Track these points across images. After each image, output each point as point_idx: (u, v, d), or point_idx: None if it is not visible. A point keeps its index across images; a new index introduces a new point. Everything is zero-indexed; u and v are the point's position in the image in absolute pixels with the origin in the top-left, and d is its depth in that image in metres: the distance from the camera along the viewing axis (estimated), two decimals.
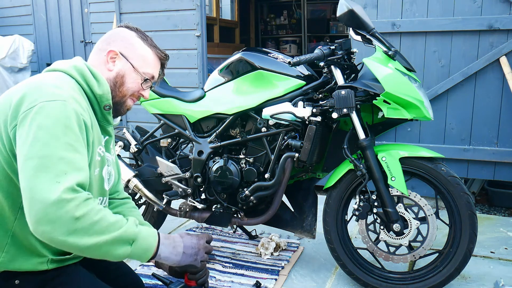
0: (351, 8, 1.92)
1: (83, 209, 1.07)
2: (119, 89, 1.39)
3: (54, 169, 1.08)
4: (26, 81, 1.25)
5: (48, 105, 1.14)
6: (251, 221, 2.23)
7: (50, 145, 1.10)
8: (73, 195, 1.07)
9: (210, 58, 4.55)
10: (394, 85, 1.85)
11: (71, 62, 1.33)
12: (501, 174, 3.01)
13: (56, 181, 1.06)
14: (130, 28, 1.42)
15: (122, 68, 1.38)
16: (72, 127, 1.15)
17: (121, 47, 1.38)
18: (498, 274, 2.25)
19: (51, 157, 1.09)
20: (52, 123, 1.12)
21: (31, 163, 1.08)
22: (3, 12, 6.36)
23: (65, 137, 1.13)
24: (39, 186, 1.06)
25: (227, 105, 2.19)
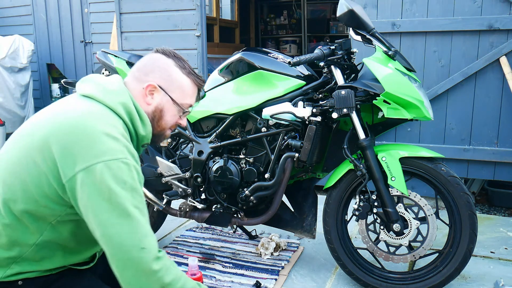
0: (351, 8, 1.92)
1: (170, 277, 1.16)
2: (157, 123, 1.37)
3: (136, 235, 1.12)
4: (75, 112, 1.19)
5: (112, 165, 1.13)
6: (251, 221, 2.23)
7: (126, 211, 1.13)
8: (160, 264, 1.14)
9: (210, 58, 4.55)
10: (394, 85, 1.85)
11: (119, 98, 1.27)
12: (501, 174, 3.01)
13: (141, 248, 1.12)
14: (167, 55, 1.36)
15: (161, 101, 1.34)
16: (137, 188, 1.17)
17: (160, 79, 1.33)
18: (498, 274, 2.25)
19: (131, 224, 1.13)
20: (121, 188, 1.13)
21: (112, 230, 1.11)
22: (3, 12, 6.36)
23: (134, 201, 1.15)
24: (128, 255, 1.11)
25: (227, 105, 2.19)
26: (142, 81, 1.32)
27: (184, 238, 2.71)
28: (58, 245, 1.24)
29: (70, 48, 5.95)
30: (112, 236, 1.11)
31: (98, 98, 1.25)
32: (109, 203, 1.11)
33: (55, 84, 6.27)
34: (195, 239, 2.70)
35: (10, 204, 1.19)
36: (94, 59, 5.72)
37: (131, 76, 1.35)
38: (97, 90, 1.27)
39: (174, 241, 2.68)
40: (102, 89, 1.27)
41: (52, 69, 6.23)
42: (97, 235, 1.13)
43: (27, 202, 1.18)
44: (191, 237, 2.73)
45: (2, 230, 1.20)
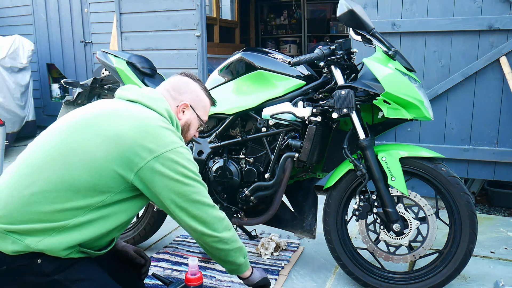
0: (351, 8, 1.92)
1: (232, 231, 1.56)
2: (184, 136, 1.65)
3: (207, 203, 1.47)
4: (138, 114, 1.45)
5: (179, 150, 1.41)
6: (251, 221, 2.23)
7: (197, 185, 1.45)
8: (225, 222, 1.52)
9: (210, 58, 4.55)
10: (394, 85, 1.85)
11: (163, 104, 1.53)
12: (501, 174, 3.01)
13: (213, 207, 1.49)
14: (194, 79, 1.67)
15: (189, 118, 1.64)
16: (196, 164, 1.49)
17: (191, 99, 1.63)
18: (498, 274, 2.25)
19: (203, 192, 1.47)
20: (190, 165, 1.44)
21: (193, 207, 1.44)
22: (3, 12, 6.36)
23: (198, 175, 1.47)
24: (207, 220, 1.46)
25: (227, 105, 2.19)
26: (176, 99, 1.61)
27: (184, 238, 2.71)
28: (93, 227, 1.38)
29: (70, 48, 5.95)
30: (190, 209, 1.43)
31: (146, 103, 1.50)
32: (183, 179, 1.40)
33: (55, 84, 6.27)
34: None
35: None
36: (94, 59, 5.73)
37: (165, 91, 1.61)
38: (142, 97, 1.52)
39: (174, 241, 2.68)
40: (147, 97, 1.52)
41: (52, 69, 6.24)
42: (172, 208, 1.42)
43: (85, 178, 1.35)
44: (191, 237, 2.73)
45: (48, 199, 1.32)
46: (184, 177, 1.40)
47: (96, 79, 2.64)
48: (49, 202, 1.31)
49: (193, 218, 1.44)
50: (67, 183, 1.32)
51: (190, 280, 1.63)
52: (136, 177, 1.36)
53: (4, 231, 1.31)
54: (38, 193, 1.31)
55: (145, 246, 2.64)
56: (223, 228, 1.50)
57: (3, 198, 1.34)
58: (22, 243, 1.30)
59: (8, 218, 1.31)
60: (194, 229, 1.45)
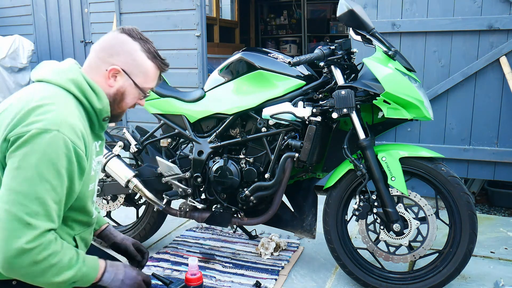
0: (351, 8, 1.92)
1: (42, 254, 1.14)
2: (118, 105, 1.39)
3: (27, 207, 1.12)
4: (21, 96, 1.24)
5: (39, 135, 1.14)
6: (251, 221, 2.23)
7: (31, 181, 1.13)
8: (34, 244, 1.12)
9: (210, 58, 4.55)
10: (394, 85, 1.85)
11: (67, 75, 1.29)
12: (501, 174, 3.01)
13: (26, 223, 1.11)
14: (134, 37, 1.36)
15: (123, 84, 1.36)
16: (57, 165, 1.16)
17: (124, 63, 1.34)
18: (498, 274, 2.25)
19: (28, 194, 1.12)
20: (37, 157, 1.13)
21: (8, 195, 1.12)
22: (3, 12, 6.36)
23: (47, 175, 1.14)
24: (8, 224, 1.10)
25: (227, 105, 2.19)
26: (106, 62, 1.33)
27: (184, 238, 2.71)
28: None
29: (70, 48, 5.96)
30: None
31: (49, 79, 1.28)
32: (16, 169, 1.12)
33: None
34: (195, 239, 2.70)
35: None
36: None
37: (94, 54, 1.35)
38: (47, 72, 1.30)
39: (174, 241, 2.68)
40: (52, 70, 1.31)
41: None
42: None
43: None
44: (191, 237, 2.73)
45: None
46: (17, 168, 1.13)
47: None
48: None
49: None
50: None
51: (190, 280, 1.63)
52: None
53: None
54: None
55: (145, 246, 2.63)
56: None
57: None
58: None
59: None
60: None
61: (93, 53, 1.36)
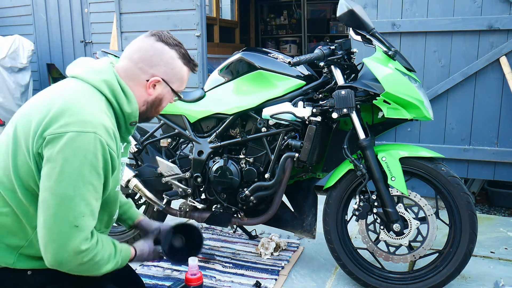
0: (351, 8, 1.92)
1: (90, 255, 1.22)
2: (155, 110, 1.45)
3: (74, 210, 1.17)
4: (54, 91, 1.28)
5: (78, 137, 1.17)
6: (251, 221, 2.23)
7: (76, 184, 1.17)
8: (87, 245, 1.20)
9: (210, 58, 4.55)
10: (394, 85, 1.85)
11: (102, 75, 1.32)
12: (501, 174, 3.01)
13: (74, 225, 1.17)
14: (170, 45, 1.38)
15: (162, 92, 1.41)
16: (97, 166, 1.20)
17: (164, 73, 1.38)
18: (498, 274, 2.25)
19: (74, 198, 1.17)
20: (79, 160, 1.17)
21: (53, 200, 1.16)
22: (3, 12, 6.35)
23: (89, 177, 1.19)
24: (58, 227, 1.16)
25: (227, 105, 2.19)
26: (146, 73, 1.36)
27: None
28: None
29: (70, 48, 5.95)
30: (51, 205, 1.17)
31: (84, 77, 1.31)
32: (60, 174, 1.15)
33: None
34: None
35: (10, 187, 1.24)
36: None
37: (130, 63, 1.36)
38: (83, 70, 1.33)
39: None
40: (88, 69, 1.34)
41: (52, 69, 6.23)
42: (41, 206, 1.18)
43: (20, 180, 1.23)
44: None
45: (8, 213, 1.25)
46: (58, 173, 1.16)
47: None
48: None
49: (43, 224, 1.17)
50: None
51: (190, 280, 1.63)
52: (34, 162, 1.20)
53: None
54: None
55: None
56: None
57: None
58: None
59: None
60: (39, 237, 1.20)
61: (131, 63, 1.37)
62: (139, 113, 1.40)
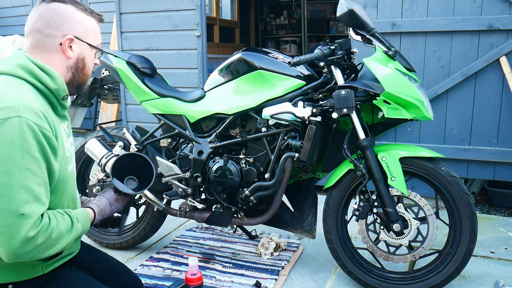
0: (351, 8, 1.92)
1: (44, 236, 1.16)
2: (82, 72, 1.36)
3: (15, 198, 1.11)
4: None
5: (2, 125, 1.11)
6: (251, 221, 2.23)
7: (10, 172, 1.11)
8: (35, 231, 1.14)
9: (210, 58, 4.55)
10: (394, 85, 1.85)
11: (14, 61, 1.25)
12: (501, 174, 3.01)
13: (20, 213, 1.11)
14: (65, 2, 1.30)
15: (80, 50, 1.33)
16: (29, 150, 1.14)
17: (72, 29, 1.30)
18: (498, 274, 2.25)
19: (12, 186, 1.11)
20: (7, 148, 1.11)
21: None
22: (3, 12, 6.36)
23: (23, 162, 1.13)
24: (3, 219, 1.10)
25: (227, 105, 2.19)
26: (54, 37, 1.28)
27: (184, 238, 2.71)
28: None
29: None
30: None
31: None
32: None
33: None
34: (195, 239, 2.70)
35: None
36: None
37: (35, 34, 1.29)
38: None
39: (174, 241, 2.68)
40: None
41: None
42: None
43: None
44: (191, 237, 2.73)
45: None
46: None
47: (96, 79, 2.63)
48: None
49: None
50: None
51: (190, 280, 1.63)
52: None
53: None
54: None
55: (145, 246, 2.64)
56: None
57: None
58: None
59: None
60: None
61: (36, 34, 1.29)
62: (67, 84, 1.33)
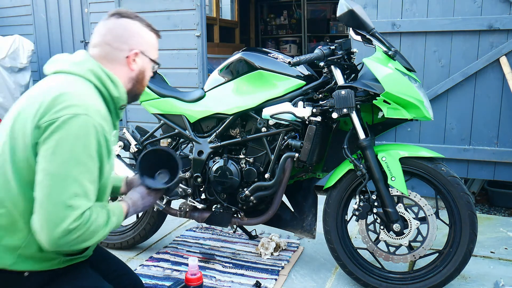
0: (351, 8, 1.92)
1: (83, 229, 1.21)
2: (141, 84, 1.48)
3: (68, 190, 1.18)
4: (41, 87, 1.29)
5: (71, 120, 1.19)
6: (251, 221, 2.23)
7: (68, 164, 1.18)
8: (78, 223, 1.19)
9: (210, 58, 4.55)
10: (394, 85, 1.85)
11: (86, 65, 1.34)
12: (501, 174, 3.01)
13: (68, 205, 1.18)
14: (132, 18, 1.44)
15: (142, 64, 1.45)
16: (90, 148, 1.22)
17: (138, 44, 1.42)
18: (498, 274, 2.25)
19: (67, 178, 1.18)
20: (72, 142, 1.19)
21: (47, 180, 1.17)
22: (3, 12, 6.36)
23: (82, 158, 1.20)
24: (51, 208, 1.17)
25: (227, 105, 2.19)
26: (123, 50, 1.40)
27: (184, 238, 2.71)
28: None
29: (70, 48, 5.95)
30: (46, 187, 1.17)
31: (67, 70, 1.33)
32: (52, 154, 1.17)
33: None
34: (195, 239, 2.70)
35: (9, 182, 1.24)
36: None
37: (105, 46, 1.39)
38: (65, 64, 1.35)
39: (174, 241, 2.68)
40: (69, 62, 1.35)
41: None
42: (36, 188, 1.19)
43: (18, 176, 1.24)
44: (191, 237, 2.73)
45: (4, 214, 1.24)
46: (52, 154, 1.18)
47: None
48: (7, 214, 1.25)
49: (39, 205, 1.18)
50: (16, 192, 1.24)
51: (190, 280, 1.63)
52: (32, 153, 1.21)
53: None
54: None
55: (145, 246, 2.64)
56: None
57: None
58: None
59: None
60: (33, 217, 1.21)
61: (105, 46, 1.39)
62: (126, 92, 1.42)
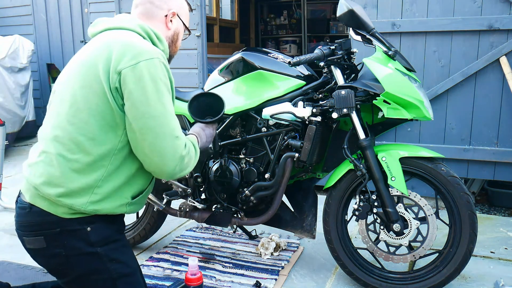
0: (351, 8, 1.92)
1: (189, 155, 1.44)
2: (175, 45, 1.63)
3: (170, 124, 1.36)
4: (107, 41, 1.40)
5: (148, 64, 1.33)
6: (251, 221, 2.23)
7: (161, 103, 1.34)
8: (186, 150, 1.42)
9: (210, 58, 4.55)
10: (394, 85, 1.85)
11: (135, 21, 1.47)
12: (501, 174, 3.01)
13: (175, 136, 1.37)
14: None
15: (177, 26, 1.60)
16: (168, 85, 1.40)
17: (176, 6, 1.58)
18: (498, 274, 2.25)
19: (165, 114, 1.35)
20: (156, 83, 1.34)
21: (151, 122, 1.32)
22: (3, 12, 6.36)
23: (167, 95, 1.38)
24: (165, 143, 1.35)
25: (227, 105, 2.18)
26: (163, 8, 1.55)
27: (184, 238, 2.71)
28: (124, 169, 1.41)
29: (70, 48, 5.95)
30: (152, 126, 1.33)
31: (119, 26, 1.46)
32: (146, 98, 1.32)
33: None
34: (195, 239, 2.70)
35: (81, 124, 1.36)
36: None
37: (146, 4, 1.54)
38: (113, 21, 1.48)
39: (174, 241, 2.68)
40: (119, 19, 1.49)
41: (52, 69, 6.23)
42: (141, 132, 1.33)
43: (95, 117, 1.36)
44: (191, 237, 2.73)
45: (79, 160, 1.35)
46: (151, 93, 1.34)
47: None
48: (76, 161, 1.35)
49: (150, 148, 1.36)
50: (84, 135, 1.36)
51: (190, 280, 1.63)
52: (116, 92, 1.34)
53: (55, 198, 1.35)
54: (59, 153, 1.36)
55: (145, 246, 2.64)
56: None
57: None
58: (72, 207, 1.35)
59: (53, 181, 1.34)
60: (146, 160, 1.39)
61: (148, 4, 1.54)
62: None
